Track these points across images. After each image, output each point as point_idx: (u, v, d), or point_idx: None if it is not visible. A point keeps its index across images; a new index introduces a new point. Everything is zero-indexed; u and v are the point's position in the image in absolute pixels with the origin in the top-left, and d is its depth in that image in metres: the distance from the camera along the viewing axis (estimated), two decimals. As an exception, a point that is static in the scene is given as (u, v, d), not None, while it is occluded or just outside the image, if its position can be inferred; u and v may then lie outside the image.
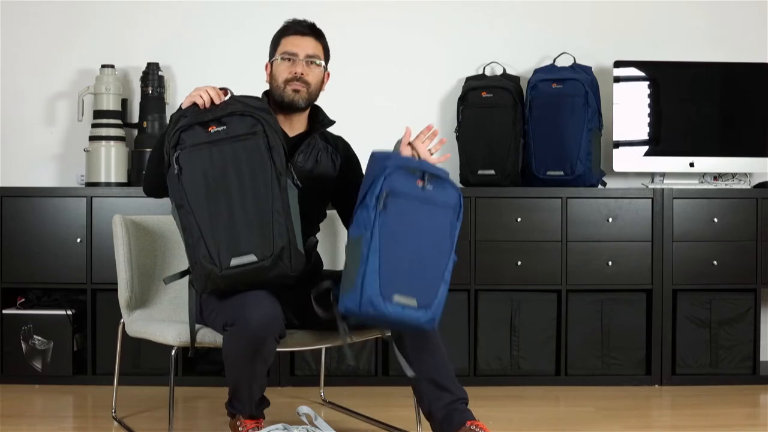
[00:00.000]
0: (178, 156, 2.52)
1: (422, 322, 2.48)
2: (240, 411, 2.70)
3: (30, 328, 3.75)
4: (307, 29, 2.83)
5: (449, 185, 2.55)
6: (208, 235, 2.50)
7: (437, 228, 2.51)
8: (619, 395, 3.68)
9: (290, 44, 2.81)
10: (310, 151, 2.83)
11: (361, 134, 3.09)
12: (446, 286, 2.50)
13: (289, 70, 2.79)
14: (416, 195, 2.49)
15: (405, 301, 2.44)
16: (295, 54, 2.79)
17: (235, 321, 2.51)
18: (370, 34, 4.16)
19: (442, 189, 2.53)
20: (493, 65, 4.16)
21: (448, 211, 2.53)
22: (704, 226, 3.86)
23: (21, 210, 3.77)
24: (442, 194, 2.53)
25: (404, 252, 2.46)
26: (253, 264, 2.50)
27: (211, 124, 2.54)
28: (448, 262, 2.51)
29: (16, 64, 4.15)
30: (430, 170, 2.53)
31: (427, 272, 2.48)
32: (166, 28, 4.17)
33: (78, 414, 3.44)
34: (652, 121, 4.01)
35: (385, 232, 2.45)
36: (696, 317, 3.85)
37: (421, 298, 2.46)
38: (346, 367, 3.79)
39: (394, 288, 2.43)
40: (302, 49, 2.80)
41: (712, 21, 4.24)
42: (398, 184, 2.48)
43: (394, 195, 2.47)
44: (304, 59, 2.80)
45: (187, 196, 2.52)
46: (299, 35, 2.82)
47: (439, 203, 2.52)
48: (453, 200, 2.54)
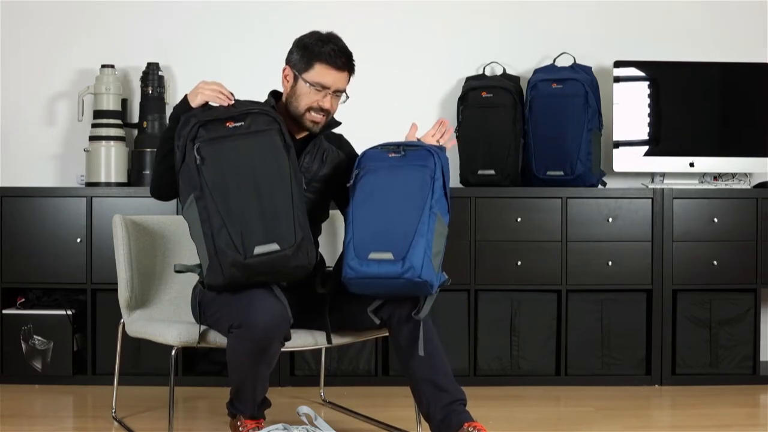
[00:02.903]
0: (198, 147, 2.52)
1: (400, 273, 2.52)
2: (242, 411, 2.70)
3: (30, 328, 3.75)
4: (344, 66, 2.74)
5: (425, 150, 2.65)
6: (230, 223, 2.48)
7: (406, 185, 2.60)
8: (619, 395, 3.68)
9: (325, 75, 2.72)
10: (316, 152, 2.83)
11: (361, 134, 3.09)
12: (423, 237, 2.54)
13: (315, 100, 2.74)
14: (384, 165, 2.64)
15: (380, 257, 2.55)
16: (327, 88, 2.74)
17: (242, 323, 2.50)
18: (370, 34, 4.15)
19: (416, 153, 2.65)
20: (493, 65, 4.16)
21: (420, 170, 2.61)
22: (704, 226, 3.86)
23: (21, 210, 3.77)
24: (415, 157, 2.64)
25: (374, 212, 2.59)
26: (276, 252, 2.49)
27: (229, 120, 2.56)
28: (420, 215, 2.56)
29: (16, 64, 4.15)
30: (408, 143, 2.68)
31: (399, 227, 2.56)
32: (166, 28, 4.17)
33: (78, 414, 3.44)
34: (652, 121, 4.01)
35: (356, 203, 2.62)
36: (696, 317, 3.85)
37: (396, 250, 2.53)
38: (346, 367, 3.79)
39: (368, 248, 2.56)
40: (334, 85, 2.74)
41: (712, 21, 4.24)
42: (369, 161, 2.66)
43: (364, 170, 2.65)
44: (332, 93, 2.76)
45: (209, 186, 2.50)
46: (336, 69, 2.73)
47: (409, 165, 2.62)
48: (427, 161, 2.62)
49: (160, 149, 2.70)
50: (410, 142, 2.72)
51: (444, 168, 2.64)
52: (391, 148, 2.67)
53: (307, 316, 2.79)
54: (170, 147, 2.64)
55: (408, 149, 2.65)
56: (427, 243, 2.53)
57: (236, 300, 2.56)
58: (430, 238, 2.54)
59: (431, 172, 2.60)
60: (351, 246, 2.57)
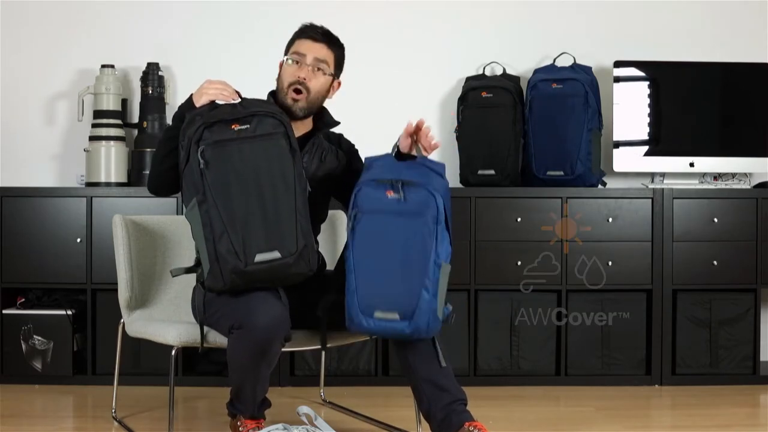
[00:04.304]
0: (203, 150, 2.50)
1: (407, 334, 2.50)
2: (242, 412, 2.70)
3: (30, 328, 3.75)
4: (320, 35, 2.80)
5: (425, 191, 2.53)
6: (232, 230, 2.48)
7: (410, 238, 2.51)
8: (619, 395, 3.68)
9: (300, 45, 2.79)
10: (314, 152, 2.83)
11: (361, 134, 3.09)
12: (429, 292, 2.49)
13: (294, 74, 2.77)
14: (385, 208, 2.54)
15: (386, 316, 2.50)
16: (303, 56, 2.77)
17: (243, 324, 2.50)
18: (370, 34, 4.16)
19: (416, 195, 2.54)
20: (493, 65, 4.16)
21: (421, 219, 2.52)
22: (704, 226, 3.86)
23: (21, 210, 3.77)
24: (415, 202, 2.53)
25: (379, 267, 2.51)
26: (277, 260, 2.49)
27: (234, 123, 2.53)
28: (426, 269, 2.50)
29: (16, 64, 4.15)
30: (404, 177, 2.55)
31: (405, 283, 2.50)
32: (166, 28, 4.17)
33: (78, 414, 3.44)
34: (652, 121, 4.01)
35: (357, 250, 2.53)
36: (696, 317, 3.85)
37: (403, 309, 2.49)
38: (346, 367, 3.79)
39: (374, 304, 2.51)
40: (311, 53, 2.77)
41: (712, 21, 4.24)
42: (366, 201, 2.55)
43: (362, 212, 2.55)
44: (311, 63, 2.77)
45: (212, 190, 2.49)
46: (312, 40, 2.79)
47: (410, 213, 2.52)
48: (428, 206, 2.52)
49: (162, 148, 2.69)
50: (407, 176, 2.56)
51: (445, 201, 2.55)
52: (387, 182, 2.55)
53: (307, 315, 2.78)
54: (172, 146, 2.63)
55: (407, 187, 2.54)
56: (432, 297, 2.49)
57: (237, 300, 2.56)
58: (435, 290, 2.50)
59: (433, 218, 2.52)
60: (355, 299, 2.53)
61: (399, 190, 2.54)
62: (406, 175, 2.57)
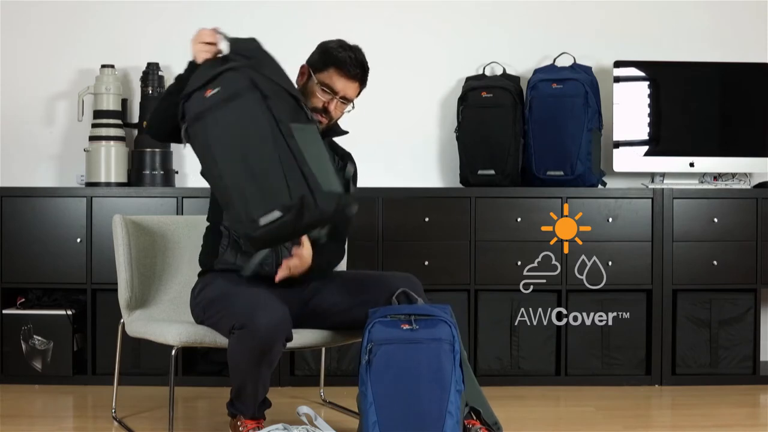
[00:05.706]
0: (186, 129, 2.47)
1: None
2: (242, 412, 2.70)
3: (30, 328, 3.75)
4: (357, 76, 2.78)
5: (438, 320, 2.55)
6: (232, 200, 2.42)
7: (429, 364, 2.50)
8: (619, 395, 3.68)
9: (336, 80, 2.76)
10: None
11: (361, 134, 3.09)
12: (453, 418, 2.47)
13: (321, 100, 2.77)
14: (400, 337, 2.52)
15: None
16: (336, 93, 2.77)
17: (244, 325, 2.50)
18: (370, 34, 4.13)
19: (432, 326, 2.54)
20: (493, 65, 4.16)
21: (438, 344, 2.51)
22: (704, 226, 3.86)
23: (21, 210, 3.77)
24: (432, 330, 2.53)
25: (399, 397, 2.48)
26: (280, 219, 2.38)
27: (208, 87, 2.47)
28: (448, 395, 2.48)
29: (16, 64, 4.15)
30: (420, 312, 2.56)
31: (428, 411, 2.47)
32: (166, 28, 4.17)
33: (78, 414, 3.44)
34: (652, 121, 4.01)
35: (376, 383, 2.50)
36: (696, 317, 3.85)
37: None
38: (346, 367, 3.79)
39: None
40: (343, 91, 2.77)
41: (712, 21, 4.24)
42: (380, 333, 2.53)
43: (378, 344, 2.52)
44: (341, 97, 2.78)
45: (204, 164, 2.47)
46: (347, 77, 2.77)
47: (427, 338, 2.51)
48: (444, 334, 2.53)
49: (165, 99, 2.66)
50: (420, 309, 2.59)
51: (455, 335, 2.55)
52: (402, 318, 2.56)
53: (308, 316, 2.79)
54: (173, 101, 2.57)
55: (419, 319, 2.55)
56: (456, 421, 2.47)
57: (238, 301, 2.56)
58: (458, 413, 2.49)
59: (450, 346, 2.52)
60: (377, 430, 2.47)
61: (412, 322, 2.55)
62: (419, 310, 2.58)
